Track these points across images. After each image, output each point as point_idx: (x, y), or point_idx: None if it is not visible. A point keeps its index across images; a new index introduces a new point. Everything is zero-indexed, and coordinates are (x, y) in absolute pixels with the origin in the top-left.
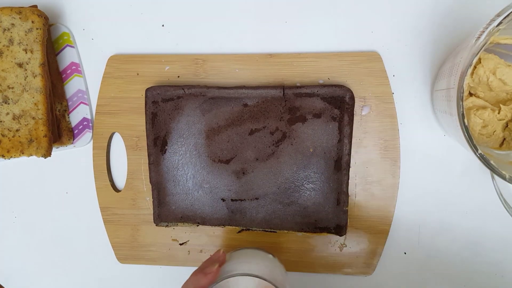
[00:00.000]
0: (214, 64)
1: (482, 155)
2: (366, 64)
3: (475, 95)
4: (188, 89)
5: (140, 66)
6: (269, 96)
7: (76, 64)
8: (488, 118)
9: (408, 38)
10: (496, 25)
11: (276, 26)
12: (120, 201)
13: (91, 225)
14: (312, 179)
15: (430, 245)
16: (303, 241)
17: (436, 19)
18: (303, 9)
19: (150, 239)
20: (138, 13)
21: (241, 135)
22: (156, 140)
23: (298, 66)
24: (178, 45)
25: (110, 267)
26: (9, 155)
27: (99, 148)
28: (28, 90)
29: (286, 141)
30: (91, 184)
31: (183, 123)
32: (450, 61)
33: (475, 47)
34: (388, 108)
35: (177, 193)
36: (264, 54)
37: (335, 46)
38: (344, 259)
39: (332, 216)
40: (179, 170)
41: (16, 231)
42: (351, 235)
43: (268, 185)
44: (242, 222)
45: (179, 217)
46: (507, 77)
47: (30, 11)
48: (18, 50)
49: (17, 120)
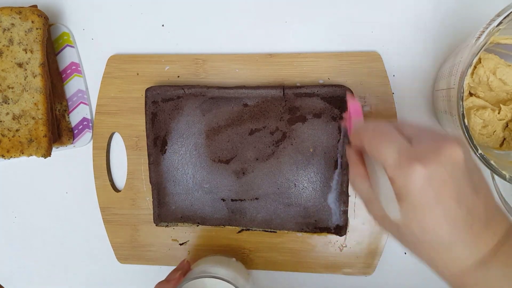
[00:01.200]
0: (214, 64)
1: (482, 155)
2: (366, 64)
3: (475, 95)
4: (188, 89)
5: (140, 66)
6: (269, 96)
7: (76, 64)
8: (488, 118)
9: (408, 38)
10: (496, 25)
11: (276, 26)
12: (120, 201)
13: (91, 225)
14: (312, 179)
15: None
16: (303, 241)
17: (436, 19)
18: (303, 9)
19: (150, 239)
20: (138, 13)
21: (241, 135)
22: (156, 140)
23: (298, 66)
24: (178, 45)
25: (110, 267)
26: (9, 155)
27: (99, 148)
28: (28, 90)
29: (286, 141)
30: (91, 184)
31: (183, 123)
32: (450, 61)
33: (475, 47)
34: (388, 108)
35: (177, 193)
36: (264, 54)
37: (335, 46)
38: (344, 259)
39: (332, 216)
40: (179, 170)
41: (16, 231)
42: (351, 235)
43: (268, 185)
44: (242, 222)
45: (179, 217)
46: (507, 77)
47: (30, 11)
48: (18, 50)
49: (17, 120)
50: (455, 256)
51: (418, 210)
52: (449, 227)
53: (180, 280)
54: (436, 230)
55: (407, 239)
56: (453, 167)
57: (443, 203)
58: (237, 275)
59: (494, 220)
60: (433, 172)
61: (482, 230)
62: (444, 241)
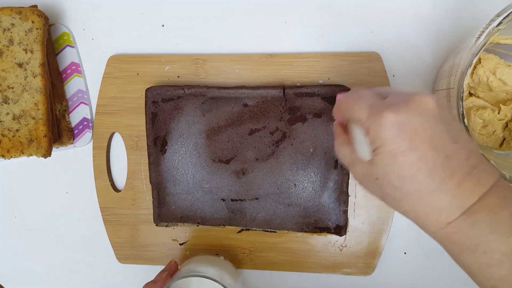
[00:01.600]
0: (214, 64)
1: (482, 155)
2: (366, 64)
3: (475, 95)
4: (188, 89)
5: (140, 66)
6: (269, 96)
7: (76, 64)
8: (488, 118)
9: (408, 38)
10: (496, 25)
11: (276, 26)
12: (120, 201)
13: (91, 225)
14: (312, 179)
15: (430, 245)
16: (303, 241)
17: (436, 19)
18: (303, 9)
19: (150, 239)
20: (138, 13)
21: (241, 135)
22: (156, 140)
23: (298, 66)
24: (178, 45)
25: (110, 267)
26: (9, 155)
27: (99, 148)
28: (28, 90)
29: (286, 141)
30: (91, 184)
31: (183, 123)
32: (450, 61)
33: (475, 47)
34: None
35: (177, 193)
36: (264, 54)
37: (335, 46)
38: (344, 259)
39: (332, 216)
40: (179, 170)
41: (16, 231)
42: (351, 235)
43: (268, 185)
44: (242, 222)
45: (179, 217)
46: (507, 77)
47: (30, 11)
48: (18, 50)
49: (17, 120)
50: (438, 207)
51: (394, 157)
52: (426, 173)
53: (167, 281)
54: (414, 177)
55: (388, 193)
56: (425, 114)
57: (417, 148)
58: (225, 274)
59: (480, 170)
60: (404, 119)
61: (465, 179)
62: (424, 189)
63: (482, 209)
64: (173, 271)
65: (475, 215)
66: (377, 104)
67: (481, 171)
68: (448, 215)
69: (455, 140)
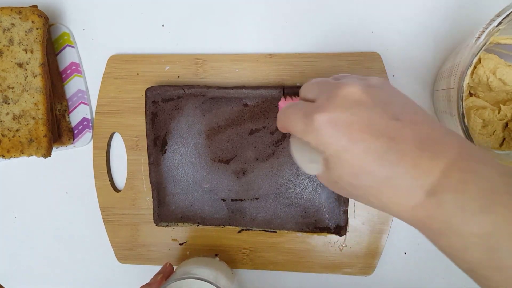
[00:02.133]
0: (214, 64)
1: None
2: (366, 64)
3: (475, 95)
4: (188, 89)
5: (140, 66)
6: (269, 96)
7: (76, 64)
8: (488, 118)
9: (408, 38)
10: (496, 25)
11: (276, 26)
12: (120, 201)
13: (91, 225)
14: (312, 179)
15: (430, 245)
16: (303, 241)
17: (436, 19)
18: (303, 9)
19: (150, 239)
20: (138, 13)
21: (241, 135)
22: (156, 140)
23: (298, 66)
24: (178, 45)
25: (110, 267)
26: (9, 155)
27: (99, 148)
28: (28, 90)
29: (286, 141)
30: (91, 184)
31: (183, 123)
32: (450, 61)
33: (475, 47)
34: None
35: (177, 193)
36: (264, 54)
37: (335, 46)
38: (344, 259)
39: (332, 216)
40: (179, 170)
41: (16, 231)
42: (351, 235)
43: (268, 185)
44: (242, 222)
45: (179, 217)
46: (507, 77)
47: (30, 11)
48: (18, 50)
49: (17, 120)
50: (402, 192)
51: (339, 157)
52: (376, 162)
53: (161, 283)
54: (366, 170)
55: (352, 192)
56: (353, 105)
57: (358, 140)
58: (220, 275)
59: (435, 142)
60: (334, 116)
61: (418, 156)
62: (380, 178)
63: (446, 186)
64: (168, 274)
65: (440, 194)
66: (308, 110)
67: (436, 143)
68: (411, 198)
69: (397, 118)
